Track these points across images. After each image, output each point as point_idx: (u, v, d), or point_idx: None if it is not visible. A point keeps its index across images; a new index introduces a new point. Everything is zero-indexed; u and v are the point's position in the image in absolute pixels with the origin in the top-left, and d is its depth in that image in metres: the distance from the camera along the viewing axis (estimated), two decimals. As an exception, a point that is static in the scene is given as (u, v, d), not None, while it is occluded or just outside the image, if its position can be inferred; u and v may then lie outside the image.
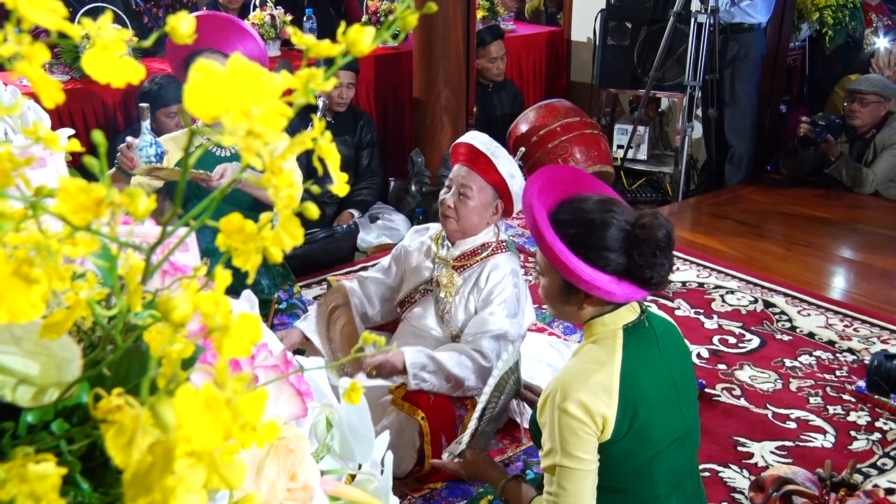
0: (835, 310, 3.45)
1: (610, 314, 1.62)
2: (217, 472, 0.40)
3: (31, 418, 0.49)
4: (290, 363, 0.64)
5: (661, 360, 1.63)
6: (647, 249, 1.54)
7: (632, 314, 1.63)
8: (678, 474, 1.66)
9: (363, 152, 4.21)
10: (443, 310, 2.45)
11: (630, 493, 1.62)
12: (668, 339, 1.67)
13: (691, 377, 1.72)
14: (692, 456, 1.72)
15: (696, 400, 1.73)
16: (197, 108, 0.40)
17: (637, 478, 1.61)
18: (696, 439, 1.73)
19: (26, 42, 0.41)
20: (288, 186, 0.44)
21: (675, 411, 1.63)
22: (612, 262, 1.55)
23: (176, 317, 0.42)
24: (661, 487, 1.62)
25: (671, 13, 4.59)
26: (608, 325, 1.62)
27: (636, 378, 1.56)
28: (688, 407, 1.67)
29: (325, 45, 0.46)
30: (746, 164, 5.03)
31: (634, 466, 1.59)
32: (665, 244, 1.55)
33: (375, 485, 0.79)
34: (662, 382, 1.61)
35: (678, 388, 1.64)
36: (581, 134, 4.35)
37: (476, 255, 2.44)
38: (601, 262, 1.55)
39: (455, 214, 2.40)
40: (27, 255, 0.41)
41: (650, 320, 1.66)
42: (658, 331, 1.66)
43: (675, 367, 1.65)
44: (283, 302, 2.95)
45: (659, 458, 1.60)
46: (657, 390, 1.59)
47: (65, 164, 0.89)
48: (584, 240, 1.56)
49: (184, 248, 0.68)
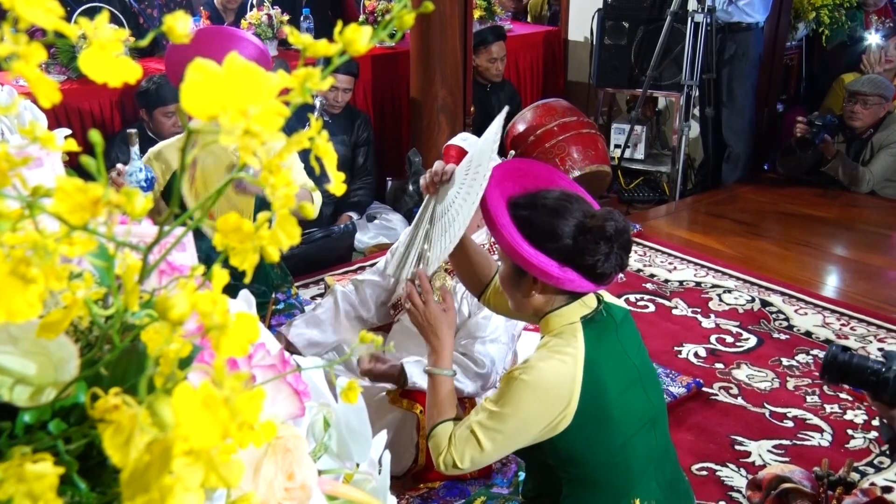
0: (832, 308, 3.46)
1: (565, 307, 1.62)
2: (215, 471, 0.40)
3: (29, 418, 0.49)
4: (287, 363, 0.64)
5: (620, 347, 1.64)
6: (592, 237, 1.54)
7: (586, 308, 1.63)
8: (653, 457, 1.67)
9: (359, 150, 4.22)
10: None
11: (607, 483, 1.62)
12: (625, 326, 1.68)
13: (648, 360, 1.74)
14: (664, 436, 1.73)
15: (657, 381, 1.75)
16: (194, 108, 0.40)
17: (611, 467, 1.61)
18: (665, 422, 1.74)
19: (23, 42, 0.41)
20: (285, 185, 0.45)
21: (639, 395, 1.64)
22: (556, 247, 1.55)
23: (173, 315, 0.42)
24: (638, 473, 1.63)
25: (668, 13, 4.59)
26: (564, 318, 1.62)
27: (599, 366, 1.57)
28: (652, 389, 1.68)
29: (322, 45, 0.46)
30: (743, 163, 5.03)
31: (605, 455, 1.60)
32: (612, 236, 1.55)
33: (373, 484, 0.79)
34: (624, 368, 1.62)
35: (640, 372, 1.65)
36: (578, 133, 4.35)
37: None
38: (545, 244, 1.55)
39: None
40: (24, 255, 0.41)
41: (608, 310, 1.66)
42: (617, 319, 1.67)
43: (633, 352, 1.66)
44: (280, 302, 2.95)
45: (630, 443, 1.61)
46: (619, 377, 1.60)
47: (62, 164, 0.89)
48: (531, 221, 1.57)
49: (181, 247, 0.68)
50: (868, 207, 4.58)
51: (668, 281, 3.74)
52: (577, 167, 4.25)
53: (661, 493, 1.67)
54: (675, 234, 4.35)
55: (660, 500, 1.66)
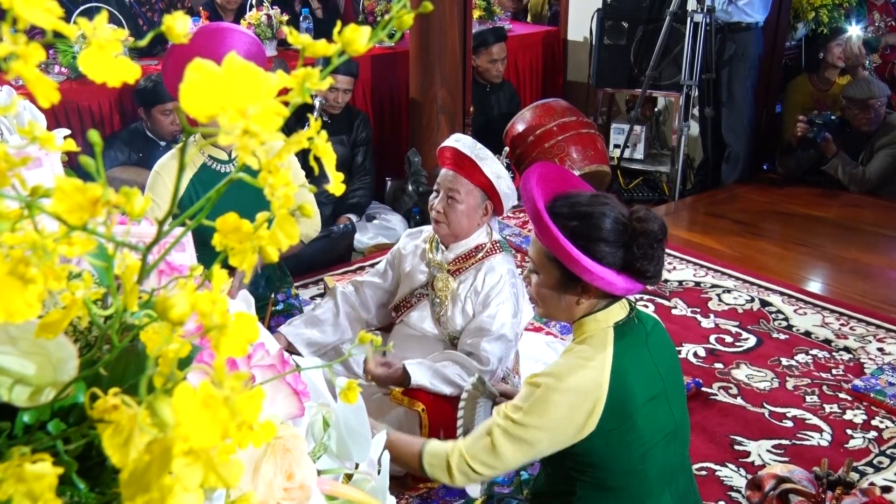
0: (831, 308, 3.46)
1: (602, 311, 1.62)
2: (214, 471, 0.40)
3: (28, 418, 0.49)
4: (287, 363, 0.64)
5: (648, 356, 1.63)
6: (646, 242, 1.56)
7: (623, 312, 1.64)
8: (670, 470, 1.67)
9: (358, 150, 4.22)
10: (439, 314, 2.46)
11: (622, 490, 1.62)
12: (655, 335, 1.68)
13: (678, 372, 1.74)
14: (683, 451, 1.73)
15: (683, 395, 1.74)
16: (193, 107, 0.40)
17: (629, 475, 1.61)
18: (687, 434, 1.74)
19: (22, 42, 0.41)
20: (284, 185, 0.45)
21: (663, 407, 1.64)
22: (609, 254, 1.57)
23: (173, 315, 0.42)
24: (654, 483, 1.63)
25: (667, 12, 4.59)
26: (600, 323, 1.62)
27: (626, 375, 1.57)
28: (676, 402, 1.68)
29: (321, 45, 0.46)
30: (743, 163, 5.03)
31: (626, 463, 1.60)
32: (661, 236, 1.58)
33: (372, 484, 0.79)
34: (651, 379, 1.62)
35: (665, 384, 1.65)
36: (577, 133, 4.35)
37: (471, 258, 2.44)
38: (600, 253, 1.56)
39: (445, 219, 2.40)
40: (23, 255, 0.41)
41: (639, 318, 1.67)
42: (647, 328, 1.67)
43: (662, 364, 1.66)
44: (279, 303, 2.94)
45: (650, 454, 1.60)
46: (646, 387, 1.60)
47: (61, 164, 0.89)
48: (583, 231, 1.57)
49: (180, 247, 0.68)
50: (867, 207, 4.58)
51: (667, 281, 3.74)
52: (576, 167, 4.25)
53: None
54: (674, 234, 4.35)
55: None
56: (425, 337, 2.49)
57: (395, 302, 2.57)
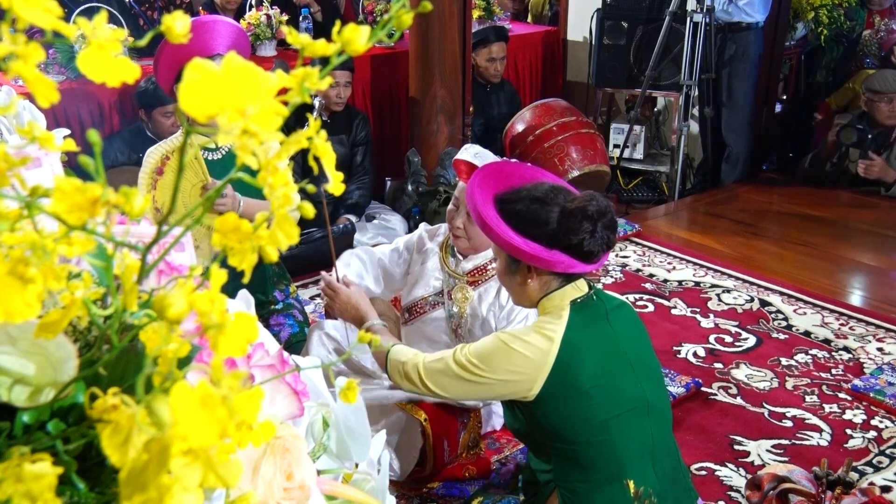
0: (831, 308, 3.46)
1: (557, 291, 1.73)
2: (213, 471, 0.40)
3: (28, 418, 0.49)
4: (286, 363, 0.64)
5: (610, 331, 1.72)
6: (574, 217, 1.65)
7: (578, 292, 1.73)
8: (647, 447, 1.72)
9: (357, 150, 4.22)
10: (456, 324, 2.42)
11: (590, 463, 1.69)
12: (620, 314, 1.77)
13: (648, 352, 1.81)
14: (663, 432, 1.78)
15: (657, 375, 1.82)
16: (192, 108, 0.40)
17: (593, 445, 1.67)
18: (666, 415, 1.80)
19: (21, 42, 0.41)
20: (283, 185, 0.45)
21: (628, 382, 1.71)
22: (543, 232, 1.67)
23: (171, 314, 0.42)
24: (626, 457, 1.68)
25: (667, 12, 4.60)
26: (555, 301, 1.72)
27: (577, 345, 1.67)
28: (646, 380, 1.74)
29: (320, 45, 0.46)
30: (743, 163, 5.04)
31: (584, 431, 1.67)
32: (594, 214, 1.66)
33: (372, 484, 0.79)
34: (609, 353, 1.71)
35: (630, 360, 1.73)
36: (577, 133, 4.35)
37: (489, 269, 2.42)
38: (532, 231, 1.67)
39: (465, 234, 2.38)
40: (23, 255, 0.41)
41: (599, 296, 1.76)
42: (609, 306, 1.76)
43: (627, 341, 1.74)
44: (279, 302, 2.94)
45: (611, 424, 1.67)
46: (602, 360, 1.69)
47: (60, 164, 0.89)
48: (517, 212, 1.69)
49: (179, 247, 0.68)
50: (867, 207, 4.58)
51: (667, 281, 3.74)
52: (576, 167, 4.25)
53: (659, 484, 1.72)
54: (674, 234, 4.35)
55: (657, 489, 1.70)
56: (437, 343, 2.45)
57: (408, 304, 2.53)
